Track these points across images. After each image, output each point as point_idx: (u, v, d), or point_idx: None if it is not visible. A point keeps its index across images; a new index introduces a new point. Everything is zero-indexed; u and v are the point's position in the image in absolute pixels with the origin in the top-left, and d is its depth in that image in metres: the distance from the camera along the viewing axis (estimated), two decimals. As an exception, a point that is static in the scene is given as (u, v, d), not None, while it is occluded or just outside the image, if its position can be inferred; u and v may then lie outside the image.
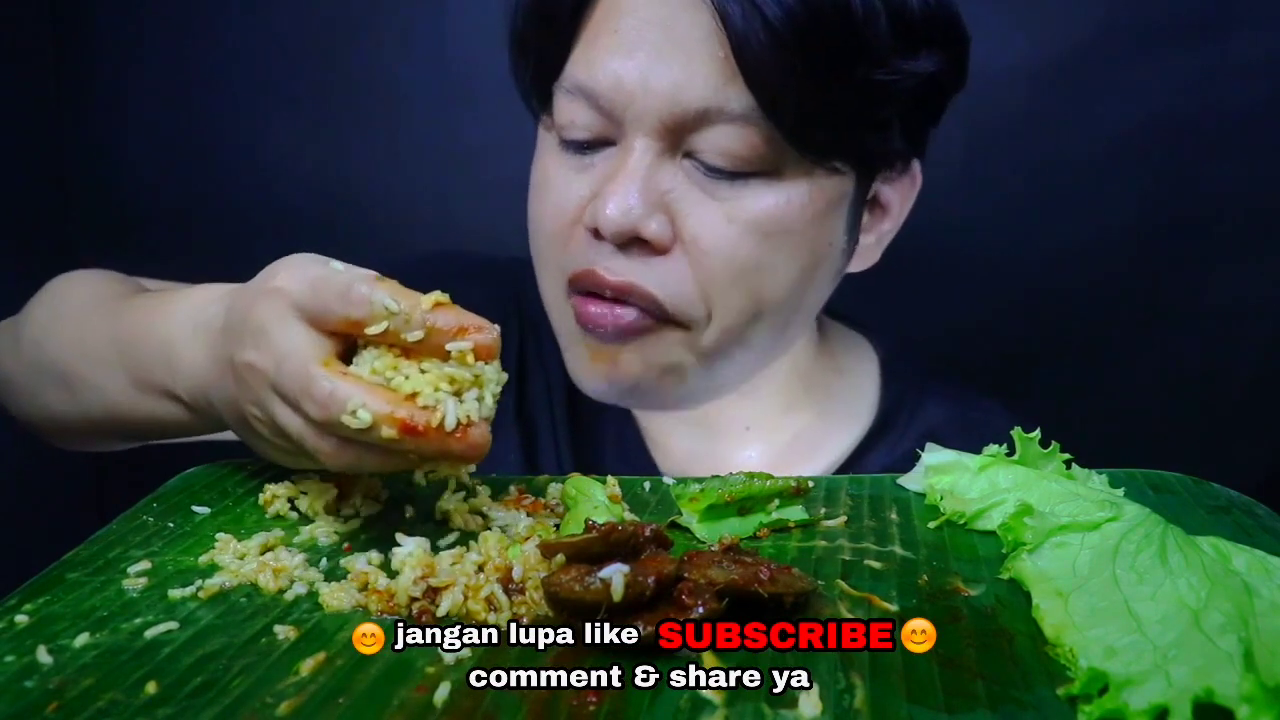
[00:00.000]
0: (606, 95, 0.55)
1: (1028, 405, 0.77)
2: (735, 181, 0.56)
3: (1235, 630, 0.33)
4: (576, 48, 0.57)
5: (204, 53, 1.15)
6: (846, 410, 0.71)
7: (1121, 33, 0.99)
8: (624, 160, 0.56)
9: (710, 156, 0.56)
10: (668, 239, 0.57)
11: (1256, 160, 1.00)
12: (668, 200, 0.56)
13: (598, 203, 0.56)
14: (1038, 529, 0.43)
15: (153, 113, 1.17)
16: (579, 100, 0.57)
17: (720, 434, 0.69)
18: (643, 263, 0.57)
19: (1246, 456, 1.06)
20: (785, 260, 0.59)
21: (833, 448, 0.70)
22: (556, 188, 0.60)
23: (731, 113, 0.54)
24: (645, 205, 0.55)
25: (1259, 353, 1.05)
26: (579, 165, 0.59)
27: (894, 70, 0.56)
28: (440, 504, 0.50)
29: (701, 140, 0.55)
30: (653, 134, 0.55)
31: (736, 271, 0.58)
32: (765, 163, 0.56)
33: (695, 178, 0.57)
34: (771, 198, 0.57)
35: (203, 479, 0.54)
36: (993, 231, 1.06)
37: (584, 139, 0.58)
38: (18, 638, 0.37)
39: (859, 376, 0.73)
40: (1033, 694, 0.34)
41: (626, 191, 0.55)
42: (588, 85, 0.56)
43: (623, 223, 0.55)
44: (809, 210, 0.58)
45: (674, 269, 0.57)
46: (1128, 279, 1.05)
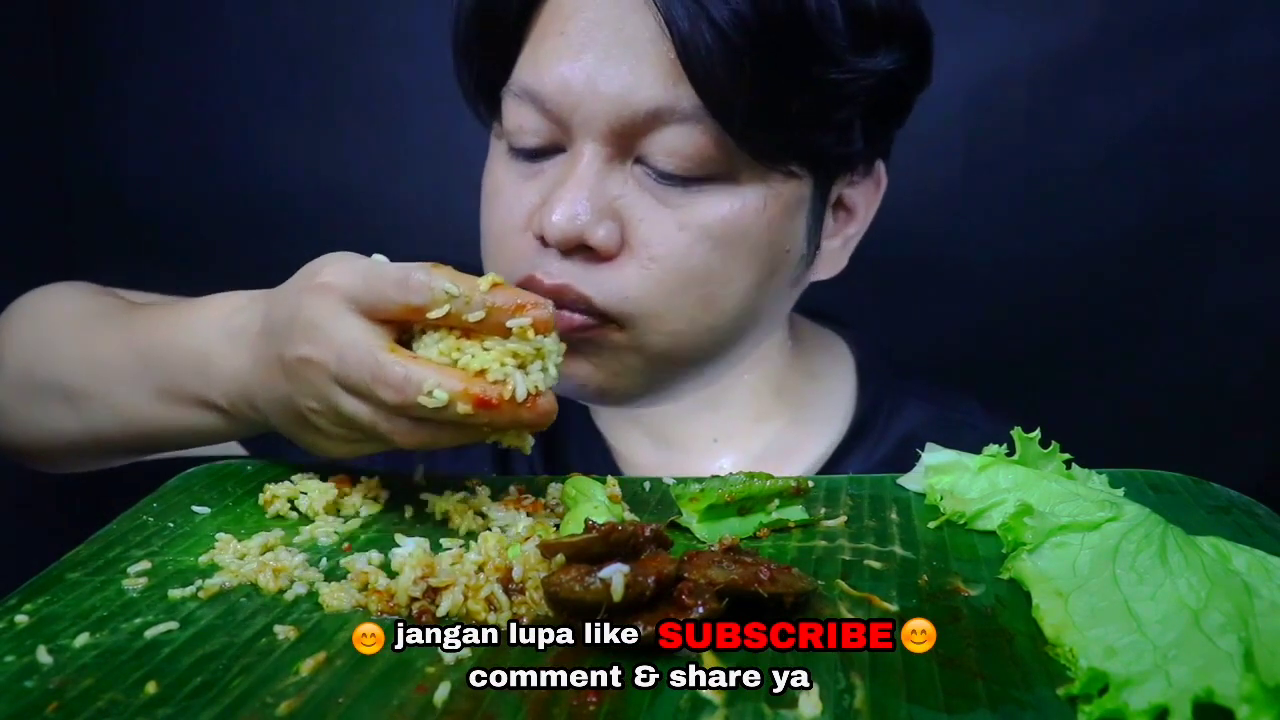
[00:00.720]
0: (554, 99, 0.54)
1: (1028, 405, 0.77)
2: (688, 188, 0.55)
3: (1235, 630, 0.33)
4: (524, 51, 0.56)
5: (204, 54, 1.15)
6: (820, 416, 0.69)
7: (1121, 33, 0.99)
8: (572, 166, 0.55)
9: (661, 161, 0.55)
10: (614, 246, 0.56)
11: (1257, 161, 1.00)
12: (617, 207, 0.56)
13: (544, 210, 0.55)
14: (1038, 529, 0.43)
15: (153, 113, 1.17)
16: (526, 105, 0.56)
17: (688, 448, 0.68)
18: (585, 268, 0.56)
19: (1246, 456, 1.06)
20: (739, 268, 0.58)
21: (806, 455, 0.68)
22: (505, 197, 0.59)
23: (682, 112, 0.53)
24: (593, 212, 0.54)
25: (1259, 353, 1.05)
26: (528, 173, 0.58)
27: (851, 69, 0.54)
28: (440, 504, 0.50)
29: (652, 144, 0.54)
30: (601, 139, 0.54)
31: (687, 279, 0.56)
32: (718, 167, 0.55)
33: (646, 184, 0.56)
34: (725, 204, 0.56)
35: (203, 479, 0.54)
36: (992, 232, 1.06)
37: (533, 145, 0.57)
38: (18, 638, 0.37)
39: (833, 380, 0.71)
40: (1033, 694, 0.34)
41: (574, 199, 0.54)
42: (534, 89, 0.55)
43: (568, 229, 0.54)
44: (764, 216, 0.57)
45: (620, 275, 0.56)
46: (1128, 280, 1.05)
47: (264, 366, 0.47)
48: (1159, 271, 1.04)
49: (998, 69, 0.99)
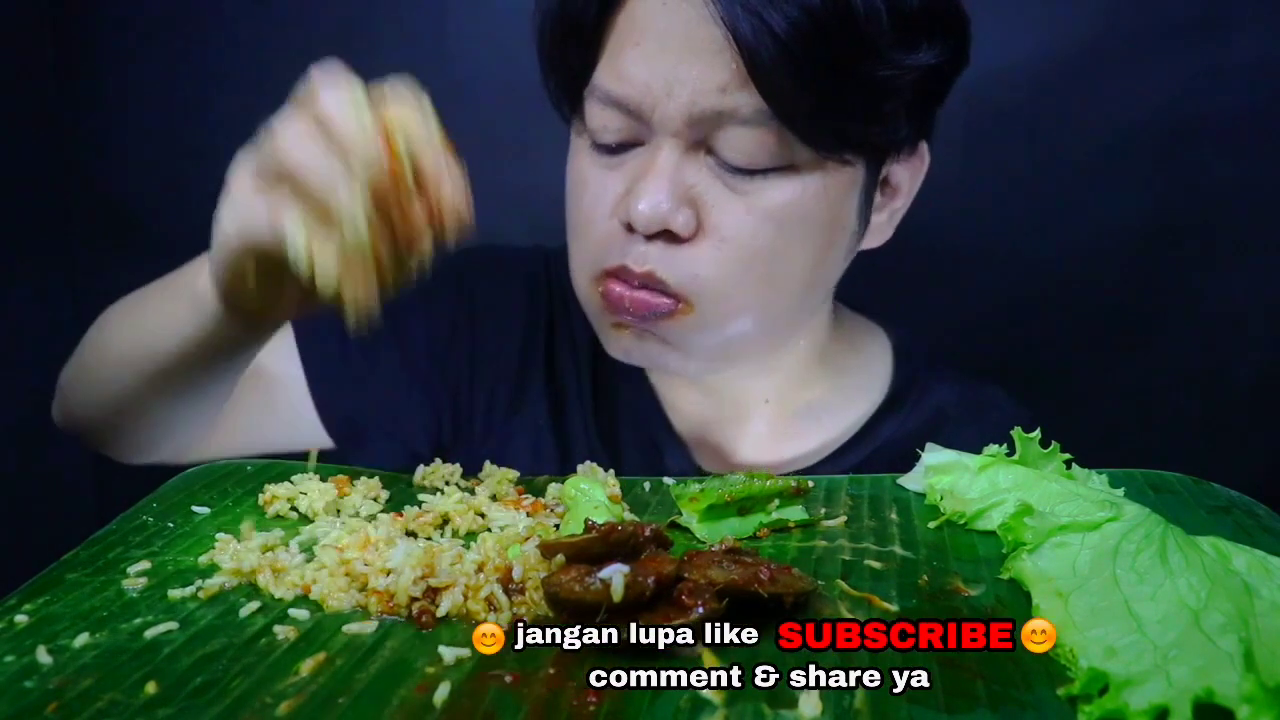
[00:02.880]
0: (634, 101, 0.60)
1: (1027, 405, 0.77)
2: (754, 177, 0.60)
3: (1235, 630, 0.33)
4: (603, 59, 0.62)
5: (204, 53, 1.15)
6: (859, 384, 0.75)
7: (1121, 33, 0.99)
8: (653, 159, 0.60)
9: (728, 154, 0.59)
10: (692, 230, 0.60)
11: (1257, 160, 1.00)
12: (693, 194, 0.60)
13: (631, 199, 0.60)
14: (1038, 529, 0.43)
15: (153, 113, 1.17)
16: (609, 108, 0.61)
17: (738, 404, 0.73)
18: (667, 251, 0.61)
19: (1246, 456, 1.06)
20: (800, 247, 0.63)
21: (844, 417, 0.73)
22: (591, 188, 0.64)
23: (743, 116, 0.58)
24: (674, 200, 0.59)
25: (1259, 353, 1.05)
26: (610, 164, 0.63)
27: (896, 66, 0.59)
28: (440, 504, 0.51)
29: (720, 139, 0.59)
30: (677, 135, 0.60)
31: (753, 257, 0.61)
32: (779, 159, 0.59)
33: (717, 173, 0.61)
34: (788, 190, 0.60)
35: (203, 479, 0.54)
36: (992, 232, 1.06)
37: (614, 141, 0.62)
38: (18, 638, 0.37)
39: (872, 357, 0.77)
40: (1033, 694, 0.34)
41: (657, 188, 0.59)
42: (617, 94, 0.60)
43: (653, 216, 0.59)
44: (823, 200, 0.62)
45: (695, 256, 0.61)
46: (1127, 279, 1.05)
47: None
48: (1159, 271, 1.04)
49: (998, 69, 0.99)
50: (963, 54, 0.64)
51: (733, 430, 0.73)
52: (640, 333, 0.65)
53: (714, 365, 0.69)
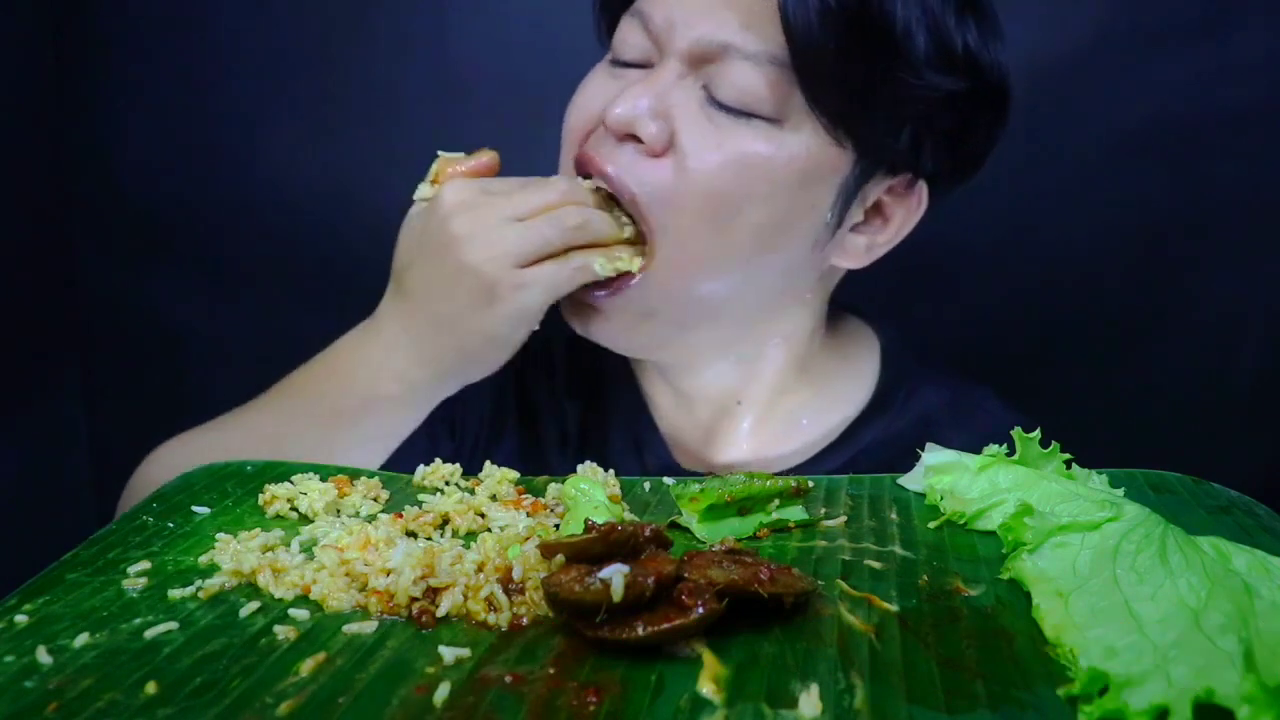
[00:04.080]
0: (657, 23, 0.63)
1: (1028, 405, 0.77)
2: (738, 118, 0.62)
3: (1235, 630, 0.33)
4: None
5: (204, 53, 1.15)
6: (843, 388, 0.75)
7: (1121, 33, 0.99)
8: (652, 75, 0.63)
9: (722, 89, 0.61)
10: (660, 145, 0.62)
11: (1256, 161, 1.00)
12: (673, 113, 0.62)
13: (613, 101, 0.63)
14: (1038, 529, 0.43)
15: (153, 113, 1.17)
16: (636, 24, 0.65)
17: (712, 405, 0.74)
18: (632, 159, 0.63)
19: (1246, 456, 1.06)
20: (762, 203, 0.63)
21: (825, 421, 0.74)
22: (589, 91, 0.67)
23: (746, 52, 0.60)
24: (651, 110, 0.62)
25: (1259, 353, 1.05)
26: (615, 75, 0.66)
27: (919, 76, 0.61)
28: (440, 504, 0.51)
29: (718, 72, 0.61)
30: (680, 58, 0.62)
31: (713, 195, 0.62)
32: (767, 108, 0.61)
33: (704, 105, 0.62)
34: (765, 142, 0.62)
35: (203, 479, 0.54)
36: (992, 231, 1.06)
37: (630, 59, 0.66)
38: (18, 638, 0.37)
39: (860, 360, 0.77)
40: (1033, 694, 0.34)
41: (640, 93, 0.62)
42: (647, 12, 0.64)
43: (627, 115, 0.62)
44: (796, 165, 0.63)
45: (659, 171, 0.63)
46: (1127, 279, 1.05)
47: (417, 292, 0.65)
48: (1159, 271, 1.04)
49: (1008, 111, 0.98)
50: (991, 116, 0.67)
51: (712, 432, 0.73)
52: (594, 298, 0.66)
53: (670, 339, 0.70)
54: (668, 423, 0.75)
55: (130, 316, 1.21)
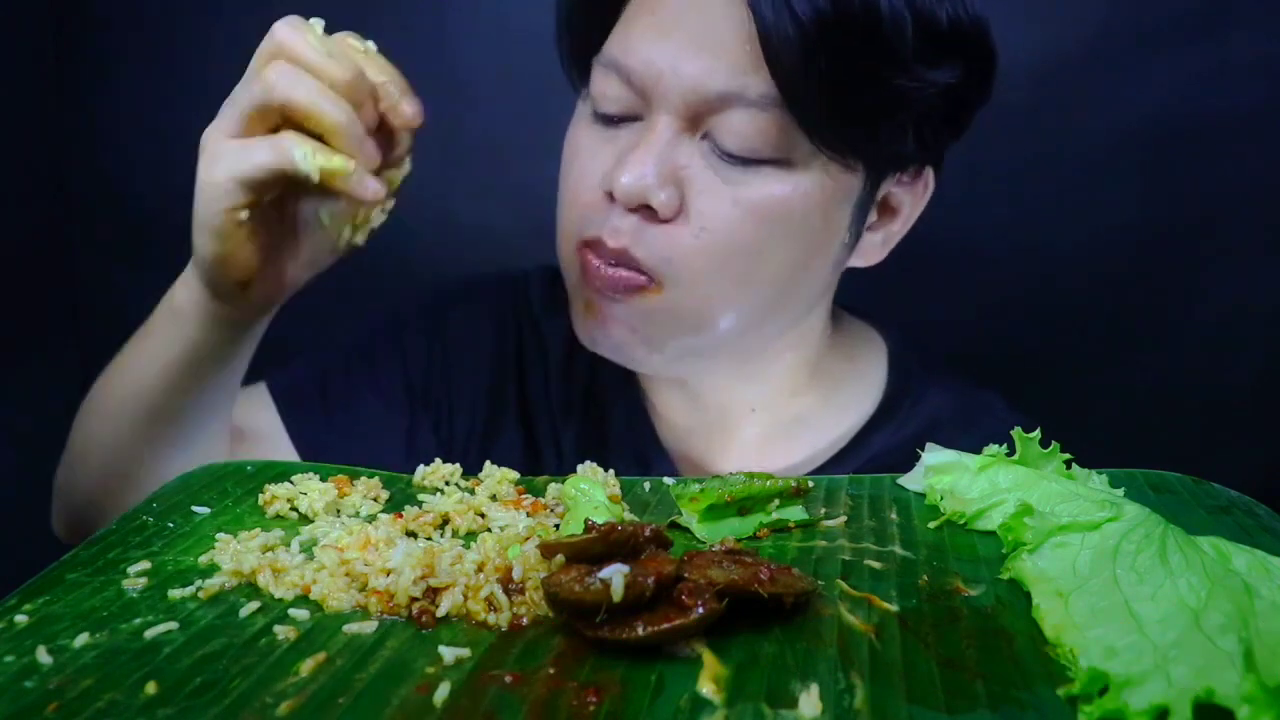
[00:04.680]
0: (638, 73, 0.59)
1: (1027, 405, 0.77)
2: (747, 167, 0.59)
3: (1235, 630, 0.33)
4: (616, 27, 0.62)
5: (204, 53, 1.14)
6: (852, 394, 0.74)
7: (1121, 33, 0.99)
8: (647, 134, 0.60)
9: (726, 140, 0.59)
10: (673, 210, 0.60)
11: (1256, 160, 1.00)
12: (681, 175, 0.60)
13: (616, 170, 0.60)
14: (1038, 529, 0.43)
15: (153, 113, 1.17)
16: (613, 75, 0.61)
17: (723, 411, 0.72)
18: (644, 229, 0.60)
19: (1246, 456, 1.06)
20: (782, 246, 0.62)
21: (835, 428, 0.73)
22: (584, 156, 0.64)
23: (748, 99, 0.57)
24: (659, 176, 0.59)
25: (1259, 353, 1.05)
26: (607, 137, 0.63)
27: (915, 77, 0.58)
28: (440, 504, 0.50)
29: (720, 123, 0.58)
30: (675, 112, 0.59)
31: (732, 250, 0.60)
32: (776, 151, 0.59)
33: (710, 159, 0.60)
34: (778, 185, 0.60)
35: (202, 479, 0.54)
36: (992, 231, 1.06)
37: (613, 112, 0.62)
38: (18, 638, 0.37)
39: (867, 365, 0.76)
40: (1033, 694, 0.34)
41: (644, 161, 0.59)
42: (622, 63, 0.60)
43: (635, 188, 0.59)
44: (813, 201, 0.61)
45: (671, 237, 0.60)
46: (1128, 279, 1.05)
47: None
48: (1159, 271, 1.04)
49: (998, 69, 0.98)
50: (984, 84, 0.64)
51: (720, 440, 0.72)
52: (606, 319, 0.64)
53: (680, 362, 0.67)
54: (672, 435, 0.73)
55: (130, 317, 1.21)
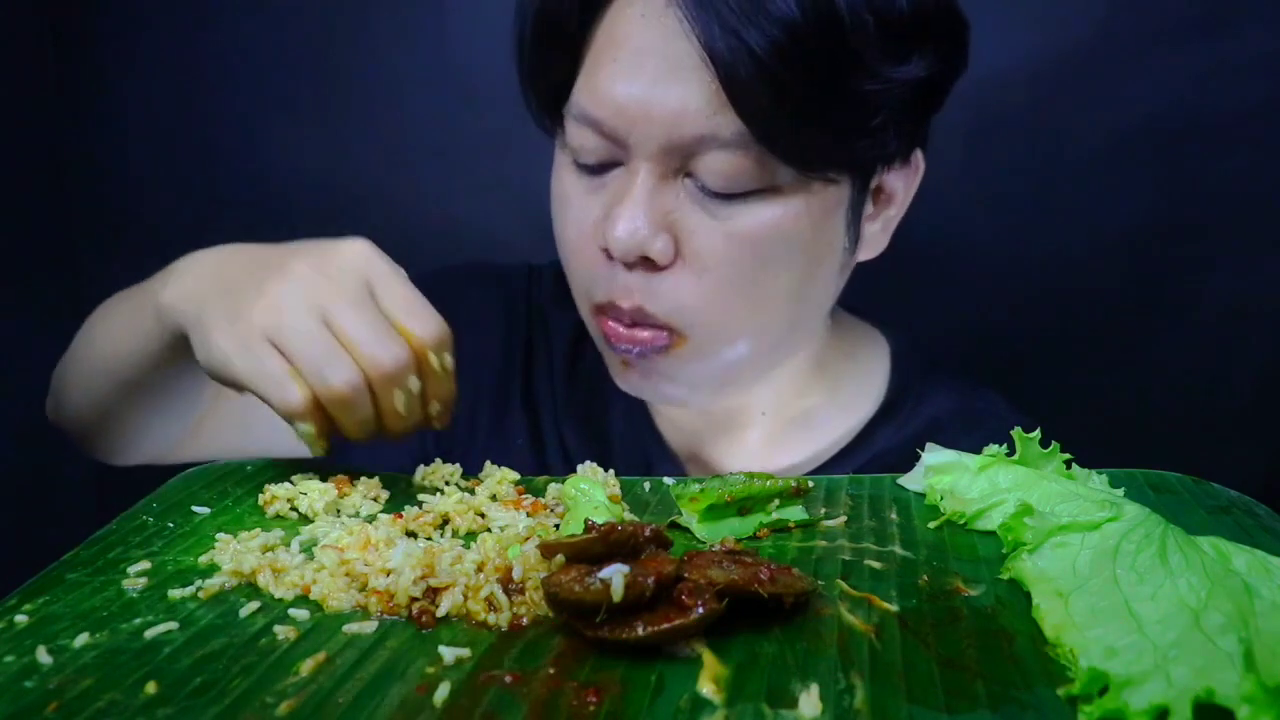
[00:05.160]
0: (610, 122, 0.57)
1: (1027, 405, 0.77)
2: (733, 201, 0.58)
3: (1235, 630, 0.33)
4: (580, 76, 0.60)
5: (204, 53, 1.15)
6: (855, 393, 0.74)
7: (1122, 32, 0.99)
8: (630, 183, 0.58)
9: (708, 179, 0.57)
10: (670, 256, 0.59)
11: (1256, 160, 1.00)
12: (671, 220, 0.59)
13: (607, 225, 0.58)
14: (1038, 529, 0.43)
15: (152, 113, 1.17)
16: (585, 127, 0.59)
17: (732, 416, 0.72)
18: (649, 281, 0.60)
19: (1246, 456, 1.06)
20: (784, 268, 0.61)
21: (838, 426, 0.73)
22: (574, 207, 0.63)
23: (723, 139, 0.56)
24: (650, 226, 0.58)
25: (1259, 353, 1.05)
26: (592, 186, 0.61)
27: (884, 80, 0.56)
28: (440, 504, 0.51)
29: (699, 164, 0.57)
30: (654, 158, 0.57)
31: (736, 283, 0.60)
32: (760, 181, 0.57)
33: (695, 197, 0.59)
34: (768, 213, 0.59)
35: (203, 479, 0.54)
36: (992, 231, 1.06)
37: (593, 162, 0.60)
38: (18, 638, 0.37)
39: (870, 364, 0.76)
40: (1033, 694, 0.34)
41: (633, 215, 0.57)
42: (593, 114, 0.58)
43: (630, 244, 0.57)
44: (805, 220, 0.60)
45: (677, 285, 0.60)
46: (1127, 279, 1.05)
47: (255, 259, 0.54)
48: (1159, 271, 1.04)
49: (998, 69, 0.99)
50: (960, 59, 0.62)
51: (725, 441, 0.72)
52: (646, 373, 0.64)
53: (717, 393, 0.69)
54: (677, 435, 0.73)
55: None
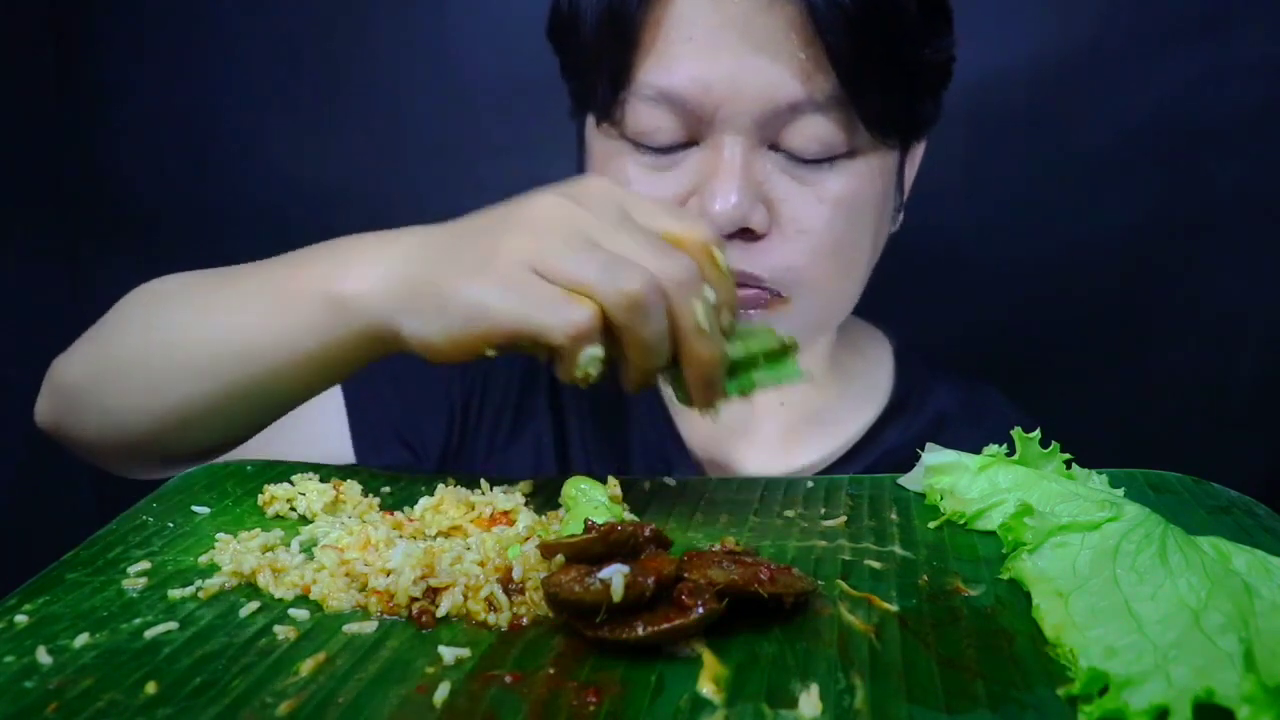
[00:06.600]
0: (694, 100, 0.58)
1: (1028, 405, 0.77)
2: (820, 166, 0.60)
3: (1235, 630, 0.33)
4: (649, 57, 0.59)
5: (204, 53, 1.15)
6: (865, 389, 0.75)
7: (1122, 32, 0.99)
8: (718, 158, 0.59)
9: (800, 146, 0.59)
10: (767, 225, 0.61)
11: (1257, 160, 1.00)
12: (764, 190, 0.60)
13: (705, 200, 0.59)
14: (1038, 529, 0.43)
15: (153, 113, 1.17)
16: (660, 106, 0.59)
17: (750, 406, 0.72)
18: (748, 250, 0.61)
19: (1246, 456, 1.06)
20: (866, 231, 0.64)
21: (851, 423, 0.74)
22: (640, 189, 0.62)
23: (818, 102, 0.58)
24: (749, 197, 0.59)
25: (1259, 353, 1.05)
26: (659, 165, 0.62)
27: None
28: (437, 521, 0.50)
29: (789, 131, 0.59)
30: (744, 131, 0.59)
31: (831, 246, 0.62)
32: (843, 146, 0.60)
33: (784, 167, 0.61)
34: (850, 176, 0.61)
35: (203, 479, 0.54)
36: (992, 231, 1.06)
37: (665, 143, 0.61)
38: (18, 638, 0.37)
39: (876, 361, 0.77)
40: (1033, 694, 0.34)
41: (730, 187, 0.58)
42: (671, 91, 0.58)
43: (732, 215, 0.58)
44: (878, 184, 0.63)
45: (777, 250, 0.61)
46: (1127, 279, 1.05)
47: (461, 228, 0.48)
48: (1159, 271, 1.04)
49: (998, 69, 0.99)
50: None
51: (745, 441, 0.73)
52: None
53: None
54: (695, 435, 0.73)
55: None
